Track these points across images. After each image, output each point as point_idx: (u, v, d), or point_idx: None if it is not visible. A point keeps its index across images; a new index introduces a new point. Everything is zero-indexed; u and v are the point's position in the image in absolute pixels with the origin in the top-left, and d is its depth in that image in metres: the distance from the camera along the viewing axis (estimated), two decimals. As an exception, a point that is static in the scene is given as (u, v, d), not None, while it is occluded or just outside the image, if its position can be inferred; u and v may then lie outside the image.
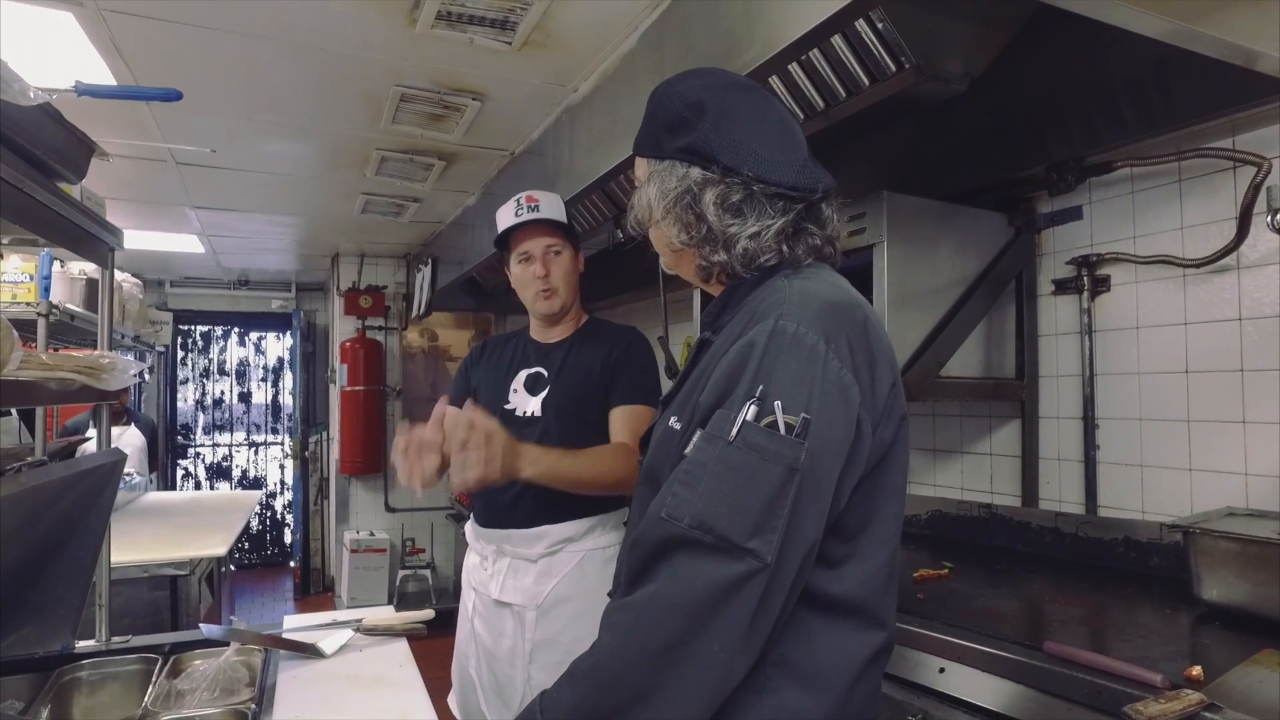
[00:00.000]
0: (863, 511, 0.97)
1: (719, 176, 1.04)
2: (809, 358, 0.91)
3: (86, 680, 1.60)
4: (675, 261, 1.17)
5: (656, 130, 1.11)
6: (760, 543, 0.85)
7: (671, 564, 0.87)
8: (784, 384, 0.89)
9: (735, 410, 0.89)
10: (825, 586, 0.96)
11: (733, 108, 1.07)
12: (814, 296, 0.98)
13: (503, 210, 2.06)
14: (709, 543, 0.85)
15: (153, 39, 2.28)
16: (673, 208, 1.07)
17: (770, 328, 0.93)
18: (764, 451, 0.87)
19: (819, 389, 0.90)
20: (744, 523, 0.85)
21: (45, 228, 1.35)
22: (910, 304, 2.08)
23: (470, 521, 2.08)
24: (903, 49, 1.55)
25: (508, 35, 2.23)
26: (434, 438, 1.44)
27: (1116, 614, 1.68)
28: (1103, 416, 2.17)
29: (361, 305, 6.00)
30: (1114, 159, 2.06)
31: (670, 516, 0.88)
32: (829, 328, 0.94)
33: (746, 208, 1.04)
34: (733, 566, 0.85)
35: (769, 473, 0.87)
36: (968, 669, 1.47)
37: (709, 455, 0.89)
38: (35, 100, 1.08)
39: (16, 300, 2.84)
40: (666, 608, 0.86)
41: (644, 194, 1.12)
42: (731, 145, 1.04)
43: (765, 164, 1.04)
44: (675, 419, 1.03)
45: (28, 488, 1.30)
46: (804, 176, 1.06)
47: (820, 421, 0.89)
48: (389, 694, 1.49)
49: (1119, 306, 2.14)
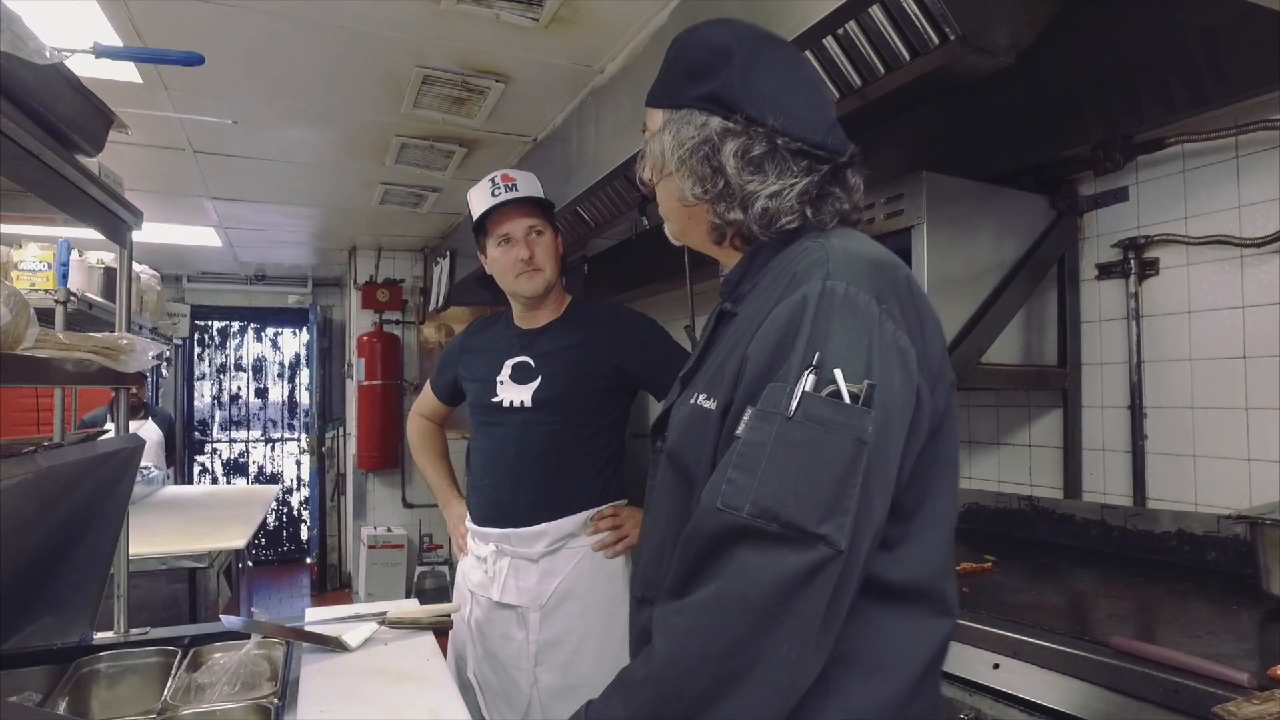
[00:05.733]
0: (918, 487, 0.89)
1: (741, 127, 0.95)
2: (864, 319, 0.83)
3: (105, 672, 1.55)
4: (685, 222, 1.06)
5: (675, 77, 1.02)
6: (832, 527, 0.77)
7: (733, 558, 0.79)
8: (841, 349, 0.81)
9: (791, 381, 0.81)
10: (883, 572, 0.87)
11: (761, 57, 0.98)
12: (857, 254, 0.90)
13: (476, 192, 1.93)
14: (775, 532, 0.77)
15: (172, 19, 2.24)
16: (688, 159, 0.98)
17: (820, 289, 0.84)
18: (829, 424, 0.78)
19: (878, 353, 0.82)
20: (813, 506, 0.77)
21: (63, 200, 1.30)
22: (950, 288, 2.01)
23: (467, 520, 2.01)
24: (947, 19, 1.48)
25: (534, 11, 2.17)
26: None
27: (1174, 610, 1.59)
28: (1151, 405, 2.08)
29: (379, 299, 5.97)
30: (1166, 135, 1.98)
31: (728, 506, 0.79)
32: (879, 287, 0.86)
33: (768, 164, 0.95)
34: (803, 556, 0.76)
35: (837, 447, 0.78)
36: (1025, 665, 1.39)
37: (766, 434, 0.80)
38: (51, 60, 1.02)
39: (35, 288, 2.82)
40: (730, 606, 0.78)
41: (657, 143, 1.02)
42: (757, 95, 0.95)
43: (792, 119, 0.95)
44: (705, 397, 0.93)
45: (43, 470, 1.25)
46: (832, 136, 0.97)
47: (883, 388, 0.81)
48: (416, 688, 1.43)
49: (1169, 290, 2.05)
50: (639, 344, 1.92)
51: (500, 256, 1.90)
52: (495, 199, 1.87)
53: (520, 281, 1.89)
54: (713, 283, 3.17)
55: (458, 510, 2.09)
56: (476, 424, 1.98)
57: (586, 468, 1.88)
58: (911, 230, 1.97)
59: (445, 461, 2.22)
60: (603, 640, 1.82)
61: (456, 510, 2.10)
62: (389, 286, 6.01)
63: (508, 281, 1.92)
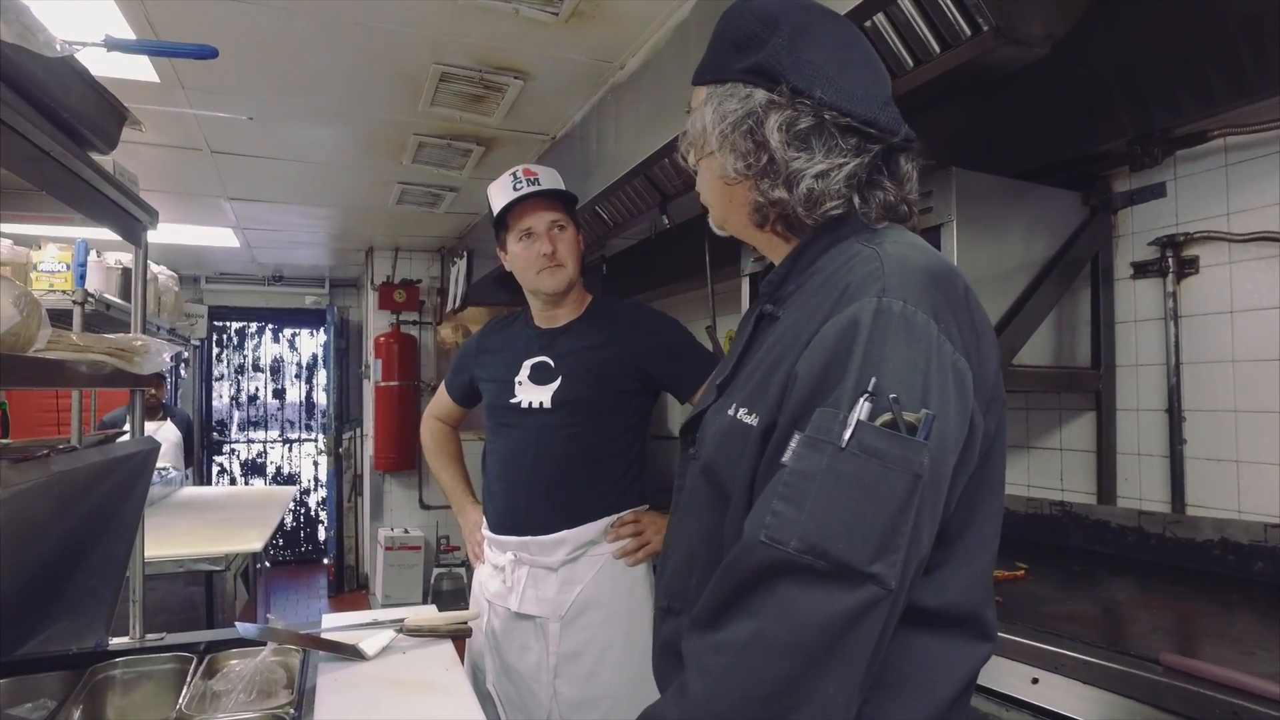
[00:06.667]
0: (963, 512, 0.84)
1: (786, 100, 0.89)
2: (921, 340, 0.78)
3: (120, 679, 1.53)
4: (726, 205, 1.00)
5: (721, 51, 0.96)
6: (884, 565, 0.72)
7: (774, 594, 0.74)
8: (897, 374, 0.76)
9: (844, 408, 0.75)
10: (921, 597, 0.82)
11: (812, 27, 0.92)
12: (913, 265, 0.84)
13: (497, 186, 1.87)
14: (822, 569, 0.72)
15: (189, 16, 2.21)
16: (730, 133, 0.92)
17: (875, 306, 0.79)
18: (886, 458, 0.73)
19: (936, 379, 0.77)
20: (865, 544, 0.72)
21: (76, 199, 1.27)
22: (980, 288, 1.91)
23: (483, 528, 1.97)
24: (980, 9, 1.43)
25: (554, 6, 2.13)
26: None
27: (1222, 623, 1.53)
28: (1190, 408, 2.01)
29: (396, 299, 5.95)
30: (1207, 128, 1.91)
31: (772, 539, 0.74)
32: (937, 303, 0.80)
33: (815, 139, 0.89)
34: (852, 595, 0.72)
35: (893, 483, 0.73)
36: (1066, 680, 1.34)
37: (815, 464, 0.75)
38: (62, 52, 0.99)
39: (54, 289, 2.81)
40: (774, 648, 0.73)
41: (698, 118, 0.97)
42: (804, 65, 0.89)
43: (841, 93, 0.89)
44: (745, 411, 0.88)
45: (59, 473, 1.23)
46: (885, 114, 0.91)
47: (939, 417, 0.76)
48: (436, 699, 1.39)
49: (1209, 289, 1.98)
50: (663, 345, 1.87)
51: (521, 252, 1.85)
52: (516, 193, 1.82)
53: (542, 278, 1.83)
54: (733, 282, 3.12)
55: (473, 517, 2.05)
56: (493, 426, 1.94)
57: (607, 472, 1.83)
58: (941, 228, 1.92)
59: (460, 465, 2.18)
60: (625, 651, 1.78)
61: (472, 517, 2.06)
62: (406, 287, 6.00)
63: (529, 278, 1.86)
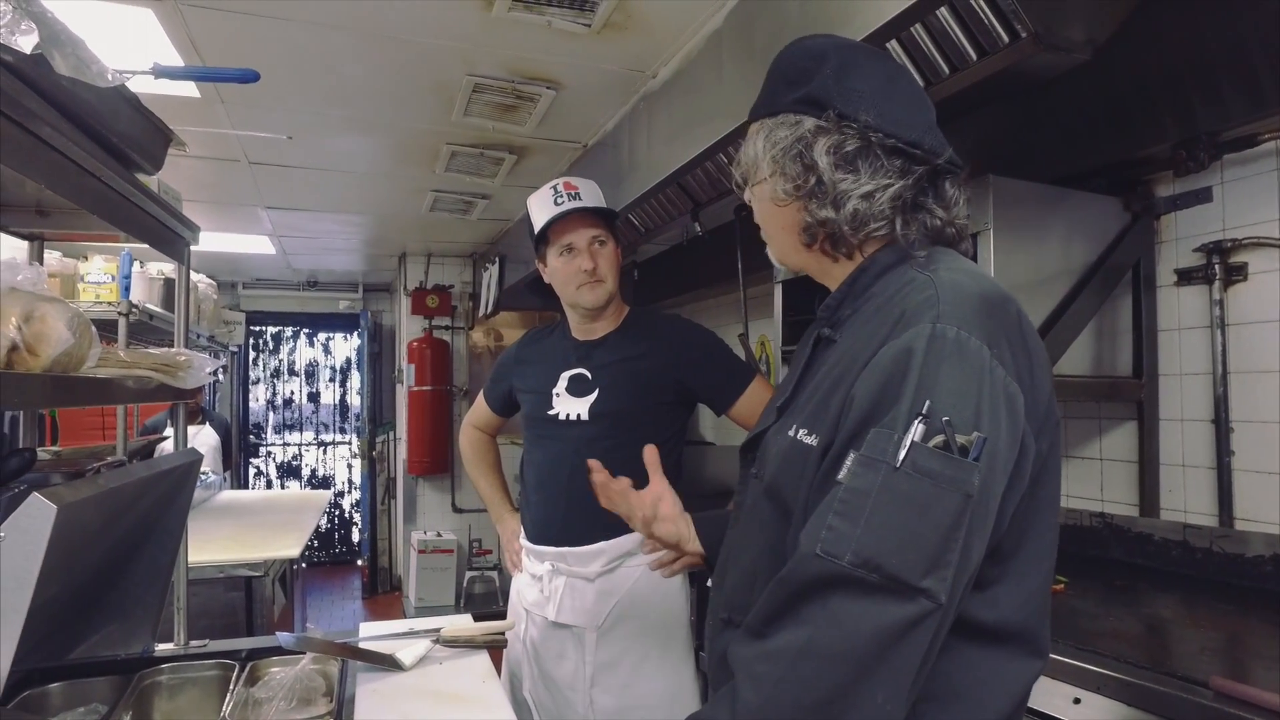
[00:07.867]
0: (1017, 529, 0.86)
1: (834, 125, 0.93)
2: (974, 365, 0.81)
3: (166, 684, 1.56)
4: (779, 231, 1.04)
5: (775, 86, 1.02)
6: (935, 581, 0.75)
7: (826, 605, 0.77)
8: (950, 398, 0.79)
9: (899, 430, 0.79)
10: (976, 612, 0.85)
11: (858, 61, 0.98)
12: (967, 292, 0.86)
13: (537, 199, 1.87)
14: (874, 582, 0.75)
15: (229, 34, 2.26)
16: (780, 158, 0.97)
17: (929, 333, 0.82)
18: (938, 478, 0.77)
19: (987, 402, 0.80)
20: (918, 559, 0.76)
21: (123, 220, 1.31)
22: (1018, 296, 1.88)
23: (521, 537, 1.98)
24: (1019, 15, 1.41)
25: (586, 17, 2.14)
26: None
27: (1274, 645, 1.48)
28: (1238, 419, 1.96)
29: (428, 305, 6.01)
30: (1258, 132, 1.86)
31: (827, 553, 0.78)
32: (990, 329, 0.83)
33: (861, 161, 0.93)
34: (903, 608, 0.75)
35: (945, 502, 0.76)
36: (1109, 701, 1.31)
37: (870, 482, 0.78)
38: (113, 82, 1.02)
39: (100, 300, 2.88)
40: (826, 656, 0.76)
41: (750, 148, 1.03)
42: (851, 92, 0.94)
43: (886, 116, 0.93)
44: (806, 432, 0.92)
45: (108, 489, 1.26)
46: (930, 137, 0.94)
47: (990, 439, 0.78)
48: (474, 712, 1.40)
49: (1259, 297, 1.93)
50: (701, 358, 1.86)
51: (562, 267, 1.85)
52: (558, 208, 1.82)
53: (582, 293, 1.84)
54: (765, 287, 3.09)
55: (511, 525, 2.06)
56: (531, 437, 1.95)
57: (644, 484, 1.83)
58: (977, 236, 1.89)
59: (498, 474, 2.20)
60: (660, 661, 1.78)
61: (510, 525, 2.07)
62: (438, 292, 6.06)
63: (569, 293, 1.87)
